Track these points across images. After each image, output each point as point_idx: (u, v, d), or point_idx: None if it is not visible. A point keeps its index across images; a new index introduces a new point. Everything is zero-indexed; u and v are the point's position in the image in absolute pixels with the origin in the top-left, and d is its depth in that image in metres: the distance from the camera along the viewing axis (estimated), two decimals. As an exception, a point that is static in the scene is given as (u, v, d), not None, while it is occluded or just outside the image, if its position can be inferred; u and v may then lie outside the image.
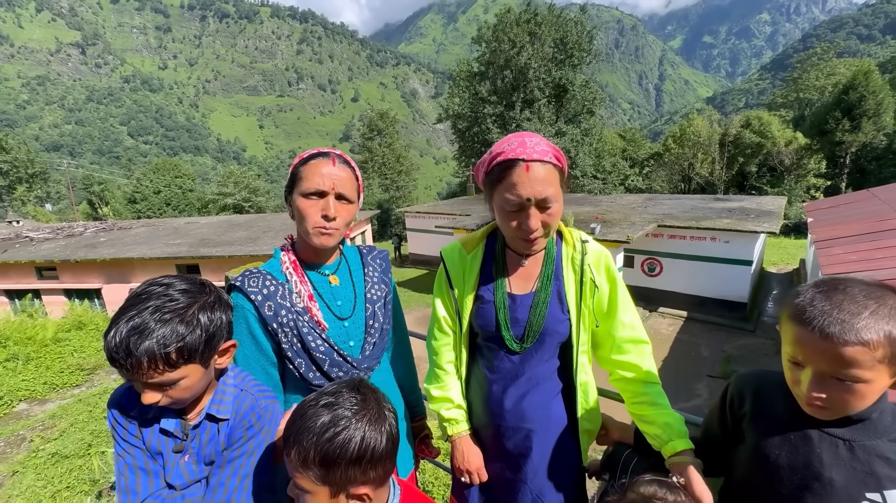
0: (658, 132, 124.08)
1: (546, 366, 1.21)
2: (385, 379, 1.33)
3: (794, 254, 18.20)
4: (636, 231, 10.62)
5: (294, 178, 1.14)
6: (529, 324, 1.16)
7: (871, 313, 0.72)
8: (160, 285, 0.85)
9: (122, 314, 0.80)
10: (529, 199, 1.03)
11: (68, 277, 13.70)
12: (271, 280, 1.16)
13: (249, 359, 1.14)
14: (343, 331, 1.21)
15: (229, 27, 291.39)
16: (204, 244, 13.61)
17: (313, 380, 1.15)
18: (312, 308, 1.16)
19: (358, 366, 1.20)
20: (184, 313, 0.83)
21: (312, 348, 1.14)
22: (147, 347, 0.78)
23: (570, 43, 23.83)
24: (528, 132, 1.10)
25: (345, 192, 1.13)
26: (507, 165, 1.04)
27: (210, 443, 0.93)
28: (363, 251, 1.37)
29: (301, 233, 1.17)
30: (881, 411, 0.82)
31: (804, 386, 0.78)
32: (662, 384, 1.19)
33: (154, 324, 0.79)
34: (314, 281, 1.22)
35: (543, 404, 1.20)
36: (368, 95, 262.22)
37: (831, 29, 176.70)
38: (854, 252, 6.90)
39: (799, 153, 28.82)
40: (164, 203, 34.44)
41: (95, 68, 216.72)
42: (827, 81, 38.12)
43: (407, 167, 41.95)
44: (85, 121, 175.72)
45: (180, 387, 0.85)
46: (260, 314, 1.12)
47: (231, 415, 0.94)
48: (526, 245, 1.12)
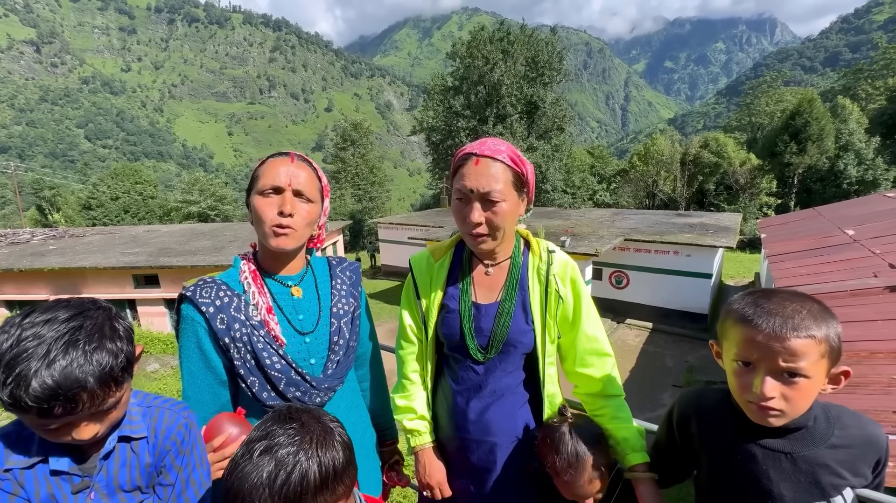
0: (624, 150, 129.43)
1: (511, 377, 1.19)
2: (351, 399, 1.25)
3: (750, 267, 19.21)
4: (604, 244, 10.93)
5: (252, 181, 1.09)
6: (493, 334, 1.15)
7: (809, 313, 0.79)
8: (44, 322, 0.71)
9: (26, 358, 0.67)
10: (472, 191, 1.04)
11: (10, 288, 12.72)
12: (226, 290, 1.07)
13: (196, 376, 1.05)
14: (304, 347, 1.13)
15: (199, 31, 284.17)
16: (164, 253, 12.98)
17: (267, 401, 1.07)
18: (270, 321, 1.08)
19: (318, 385, 1.11)
20: (102, 328, 0.74)
21: (267, 366, 1.06)
22: (96, 372, 0.70)
23: (541, 62, 24.64)
24: (495, 138, 1.12)
25: (302, 188, 1.07)
26: (462, 159, 1.08)
27: (124, 467, 0.83)
28: (332, 262, 1.30)
29: (260, 237, 1.09)
30: (815, 417, 0.86)
31: (757, 387, 0.80)
32: (630, 394, 1.20)
33: (85, 349, 0.70)
34: (275, 292, 1.13)
35: (508, 417, 1.18)
36: (342, 106, 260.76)
37: (778, 60, 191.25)
38: (803, 266, 7.35)
39: (752, 173, 30.71)
40: (122, 210, 32.72)
41: (51, 67, 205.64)
42: (776, 107, 40.94)
43: (380, 178, 41.77)
44: (37, 122, 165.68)
45: (121, 405, 0.78)
46: (211, 327, 1.03)
47: (149, 434, 0.85)
48: (472, 241, 1.11)
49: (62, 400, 0.68)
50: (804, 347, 0.77)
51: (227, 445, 1.00)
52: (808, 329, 0.77)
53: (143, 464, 0.84)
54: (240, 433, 1.01)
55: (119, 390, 0.76)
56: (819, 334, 0.77)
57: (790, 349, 0.77)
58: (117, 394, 0.76)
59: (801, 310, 0.79)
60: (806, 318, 0.78)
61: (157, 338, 10.50)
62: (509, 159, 1.07)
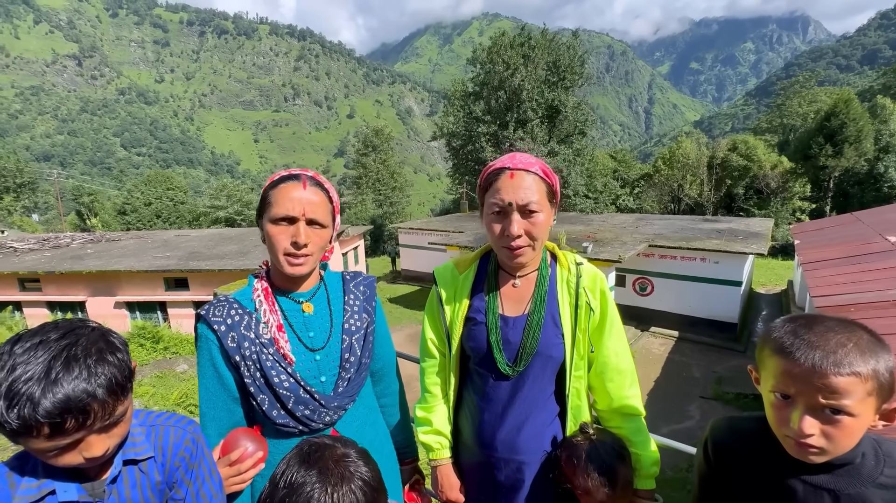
0: (648, 153, 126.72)
1: (540, 392, 1.17)
2: (365, 417, 1.22)
3: (782, 275, 18.45)
4: (628, 250, 10.72)
5: (264, 203, 1.08)
6: (523, 347, 1.14)
7: (855, 346, 0.72)
8: (35, 345, 0.70)
9: (28, 380, 0.66)
10: (511, 203, 1.06)
11: (52, 289, 13.40)
12: (237, 309, 1.09)
13: (211, 392, 1.07)
14: (314, 364, 1.12)
15: (227, 43, 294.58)
16: (194, 257, 13.44)
17: (277, 419, 1.07)
18: (280, 339, 1.08)
19: (327, 404, 1.10)
20: (98, 343, 0.75)
21: (275, 384, 1.06)
22: (103, 382, 0.70)
23: (562, 66, 24.44)
24: (521, 152, 1.14)
25: (317, 217, 1.08)
26: (494, 174, 1.10)
27: (135, 488, 0.84)
28: (346, 277, 1.28)
29: (273, 261, 1.11)
30: (863, 454, 0.79)
31: (795, 423, 0.75)
32: (655, 405, 1.18)
33: (87, 362, 0.70)
34: (286, 309, 1.13)
35: (537, 435, 1.17)
36: (364, 112, 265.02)
37: (812, 59, 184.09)
38: (841, 274, 7.01)
39: (784, 176, 29.56)
40: (154, 215, 34.10)
41: (91, 80, 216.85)
42: (809, 108, 39.40)
43: (401, 183, 42.19)
44: (78, 131, 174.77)
45: (126, 419, 0.78)
46: (222, 345, 1.05)
47: (156, 453, 0.86)
48: (510, 255, 1.11)
49: (74, 412, 0.67)
50: (847, 385, 0.70)
51: (243, 460, 1.01)
52: (851, 365, 0.70)
53: (154, 483, 0.86)
54: (255, 449, 1.03)
55: (125, 400, 0.76)
56: (865, 370, 0.70)
57: (831, 386, 0.70)
58: (125, 403, 0.76)
59: (847, 342, 0.72)
60: (851, 352, 0.71)
61: (186, 339, 10.86)
62: (542, 171, 1.10)
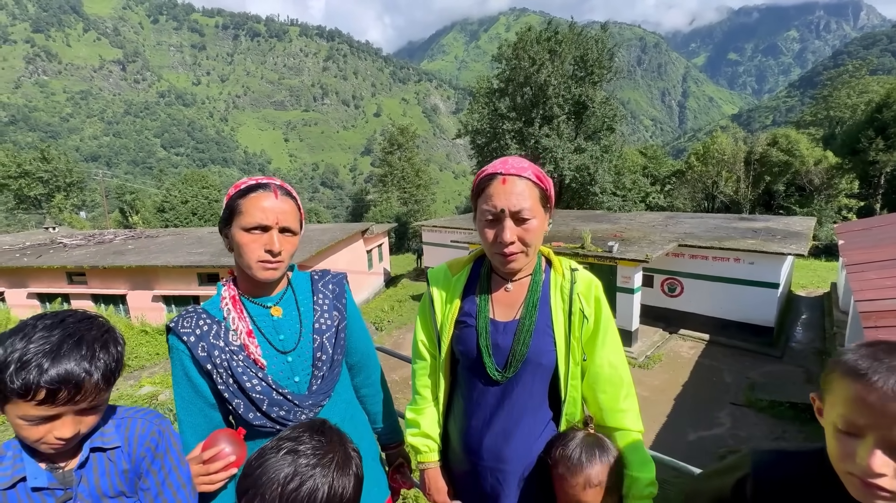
0: (681, 149, 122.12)
1: (529, 400, 1.15)
2: (343, 412, 1.25)
3: (825, 277, 17.44)
4: (655, 250, 10.39)
5: (231, 211, 1.09)
6: (513, 353, 1.12)
7: None
8: (54, 323, 0.82)
9: (42, 351, 0.76)
10: (503, 210, 1.04)
11: (96, 283, 14.22)
12: (206, 318, 1.11)
13: (186, 401, 1.10)
14: (286, 366, 1.14)
15: (260, 45, 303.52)
16: (225, 254, 13.94)
17: (254, 421, 1.10)
18: (250, 345, 1.11)
19: (301, 403, 1.13)
20: (104, 334, 0.85)
21: (248, 388, 1.09)
22: (100, 367, 0.80)
23: (590, 60, 23.86)
24: (514, 157, 1.11)
25: (289, 225, 1.10)
26: (487, 179, 1.08)
27: (104, 475, 0.88)
28: (315, 277, 1.30)
29: (242, 266, 1.11)
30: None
31: (863, 458, 0.64)
32: (683, 410, 1.14)
33: (97, 345, 0.81)
34: (254, 314, 1.15)
35: (524, 444, 1.14)
36: (390, 111, 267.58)
37: (863, 46, 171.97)
38: (889, 278, 6.54)
39: (829, 172, 27.88)
40: (190, 212, 35.64)
41: (134, 84, 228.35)
42: (859, 99, 37.05)
43: (426, 181, 42.39)
44: (122, 133, 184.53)
45: (98, 412, 0.86)
46: (193, 355, 1.08)
47: (122, 443, 0.91)
48: (503, 260, 1.09)
49: (71, 385, 0.77)
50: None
51: (217, 460, 1.03)
52: None
53: (122, 471, 0.90)
54: (232, 452, 1.05)
55: (108, 392, 0.84)
56: None
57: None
58: (106, 394, 0.84)
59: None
60: None
61: (216, 332, 11.27)
62: (534, 176, 1.07)
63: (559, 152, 22.91)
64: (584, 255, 10.81)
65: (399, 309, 16.05)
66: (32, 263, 14.19)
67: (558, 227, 15.06)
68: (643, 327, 11.54)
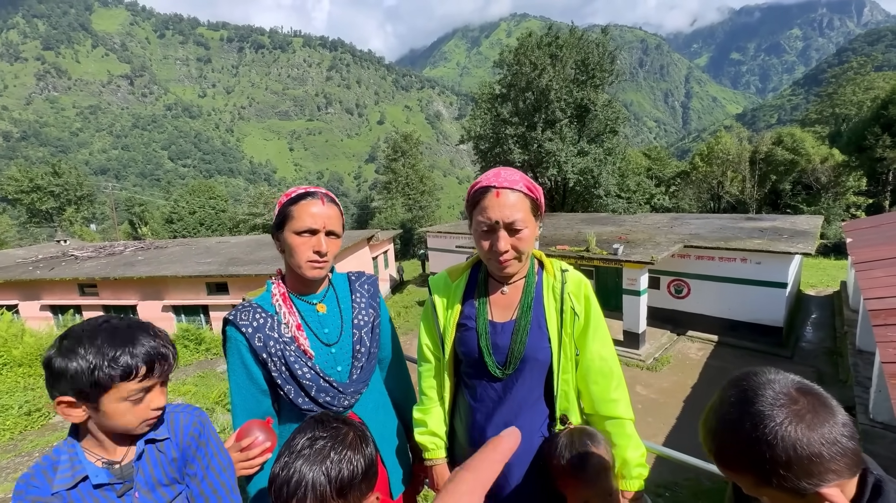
0: (685, 150, 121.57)
1: (528, 393, 1.22)
2: (377, 400, 1.38)
3: (835, 275, 17.26)
4: (661, 252, 10.37)
5: (284, 217, 1.21)
6: (511, 351, 1.19)
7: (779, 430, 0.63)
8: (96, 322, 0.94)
9: (121, 340, 0.89)
10: (498, 222, 1.10)
11: (107, 294, 14.42)
12: (261, 313, 1.23)
13: (241, 387, 1.21)
14: (331, 357, 1.26)
15: (264, 57, 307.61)
16: (233, 263, 14.12)
17: (303, 405, 1.21)
18: (300, 337, 1.22)
19: (344, 390, 1.25)
20: (147, 323, 0.99)
21: (299, 375, 1.20)
22: (169, 346, 0.95)
23: (591, 64, 23.93)
24: (505, 167, 1.18)
25: (334, 228, 1.23)
26: (481, 192, 1.14)
27: (157, 466, 0.98)
28: (352, 278, 1.44)
29: (292, 266, 1.24)
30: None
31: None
32: (691, 412, 1.20)
33: (149, 328, 0.96)
34: (302, 310, 1.27)
35: (526, 435, 1.20)
36: (394, 118, 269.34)
37: (868, 42, 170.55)
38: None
39: (836, 170, 27.66)
40: (198, 223, 36.06)
41: (142, 97, 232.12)
42: (865, 96, 36.78)
43: (430, 187, 42.56)
44: (130, 146, 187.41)
45: (166, 389, 1.00)
46: (251, 345, 1.19)
47: (170, 435, 1.00)
48: (498, 266, 1.17)
49: (160, 357, 0.92)
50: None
51: (253, 448, 1.14)
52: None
53: (171, 460, 1.00)
54: (265, 439, 1.16)
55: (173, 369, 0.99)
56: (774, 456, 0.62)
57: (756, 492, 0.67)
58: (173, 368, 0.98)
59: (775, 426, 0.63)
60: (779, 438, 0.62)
61: (226, 341, 11.36)
62: (526, 188, 1.14)
63: (562, 156, 22.95)
64: (590, 258, 10.80)
65: (406, 314, 16.10)
66: (45, 276, 14.44)
67: (563, 229, 15.07)
68: (650, 329, 11.49)
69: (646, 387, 9.38)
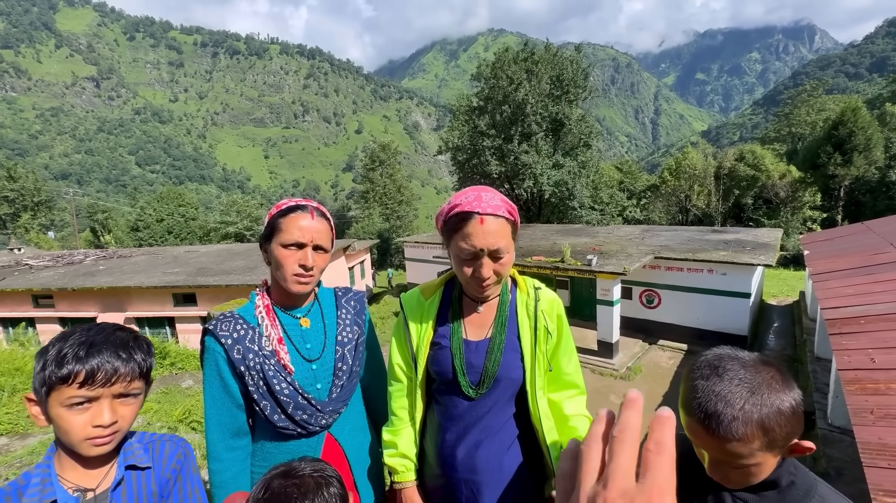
0: (655, 164, 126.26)
1: (502, 413, 1.20)
2: (356, 421, 1.34)
3: (794, 286, 18.13)
4: (633, 263, 10.64)
5: (272, 228, 1.18)
6: (485, 370, 1.17)
7: (745, 403, 0.74)
8: (96, 329, 0.91)
9: (85, 342, 0.85)
10: (482, 250, 1.07)
11: (64, 306, 13.63)
12: (242, 324, 1.19)
13: (216, 399, 1.17)
14: (311, 373, 1.23)
15: (239, 63, 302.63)
16: (202, 273, 13.62)
17: (278, 423, 1.18)
18: (280, 351, 1.19)
19: (322, 408, 1.21)
20: (139, 339, 0.93)
21: (277, 391, 1.17)
22: (132, 356, 0.87)
23: (566, 80, 24.67)
24: (484, 187, 1.13)
25: (322, 243, 1.20)
26: (463, 217, 1.08)
27: (132, 497, 0.92)
28: (339, 293, 1.40)
29: (278, 279, 1.21)
30: (792, 482, 0.82)
31: (706, 464, 0.83)
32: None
33: (128, 342, 0.89)
34: (285, 324, 1.24)
35: (496, 456, 1.18)
36: (372, 128, 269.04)
37: (819, 67, 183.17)
38: (851, 286, 6.87)
39: (794, 186, 29.26)
40: (166, 231, 34.68)
41: (108, 100, 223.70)
42: (817, 117, 39.12)
43: (408, 197, 42.50)
44: (94, 150, 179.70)
45: (133, 402, 0.89)
46: (229, 357, 1.15)
47: (153, 464, 0.96)
48: (479, 290, 1.15)
49: (108, 366, 0.84)
50: (735, 448, 0.76)
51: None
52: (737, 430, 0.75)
53: (151, 493, 0.94)
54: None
55: (143, 384, 0.90)
56: (751, 432, 0.75)
57: (722, 450, 0.78)
58: (139, 384, 0.89)
59: (737, 401, 0.76)
60: (739, 414, 0.75)
61: (193, 355, 10.88)
62: (507, 213, 1.10)
63: (538, 168, 23.43)
64: (565, 269, 10.98)
65: (382, 325, 15.88)
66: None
67: (539, 240, 15.30)
68: (623, 339, 11.73)
69: (619, 396, 9.52)
